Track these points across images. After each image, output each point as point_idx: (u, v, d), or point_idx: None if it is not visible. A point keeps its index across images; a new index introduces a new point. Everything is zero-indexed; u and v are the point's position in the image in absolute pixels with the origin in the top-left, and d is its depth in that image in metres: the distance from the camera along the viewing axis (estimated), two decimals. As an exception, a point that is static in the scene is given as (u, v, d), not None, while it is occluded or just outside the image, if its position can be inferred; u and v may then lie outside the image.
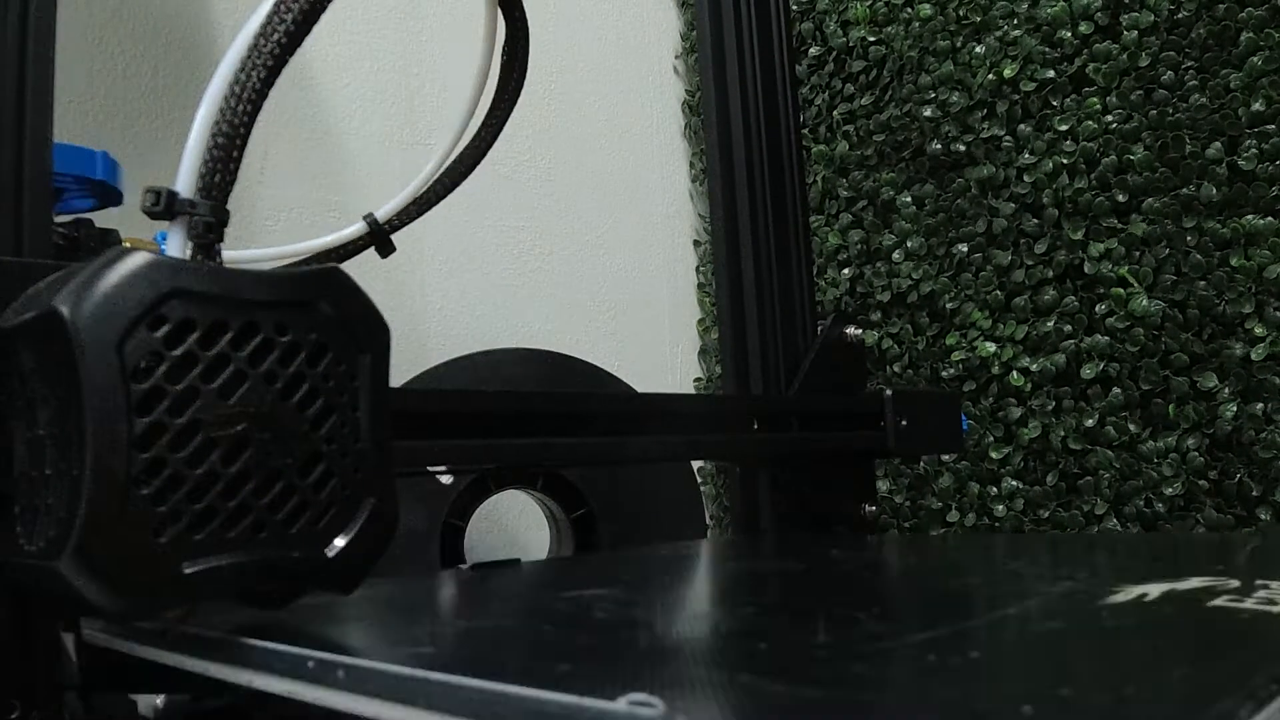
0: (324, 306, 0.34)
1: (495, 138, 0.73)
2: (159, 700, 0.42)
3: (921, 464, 1.03)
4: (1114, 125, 0.92)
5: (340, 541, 0.34)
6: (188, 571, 0.31)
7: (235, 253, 0.64)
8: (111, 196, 0.59)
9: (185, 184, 0.35)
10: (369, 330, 0.35)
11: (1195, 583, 0.34)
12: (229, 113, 0.35)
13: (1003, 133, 1.00)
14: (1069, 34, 0.96)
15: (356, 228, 0.66)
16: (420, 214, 0.72)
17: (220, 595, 0.33)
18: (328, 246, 0.66)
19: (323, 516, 0.34)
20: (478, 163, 0.75)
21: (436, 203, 0.72)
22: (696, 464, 1.15)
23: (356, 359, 0.35)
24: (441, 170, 0.72)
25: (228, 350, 0.32)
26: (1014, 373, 0.97)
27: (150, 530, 0.30)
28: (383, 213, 0.69)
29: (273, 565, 0.33)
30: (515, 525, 1.05)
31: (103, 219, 0.60)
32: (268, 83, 0.36)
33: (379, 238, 0.66)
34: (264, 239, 0.96)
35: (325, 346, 0.34)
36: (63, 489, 0.30)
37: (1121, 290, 0.91)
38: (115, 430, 0.29)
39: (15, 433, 0.34)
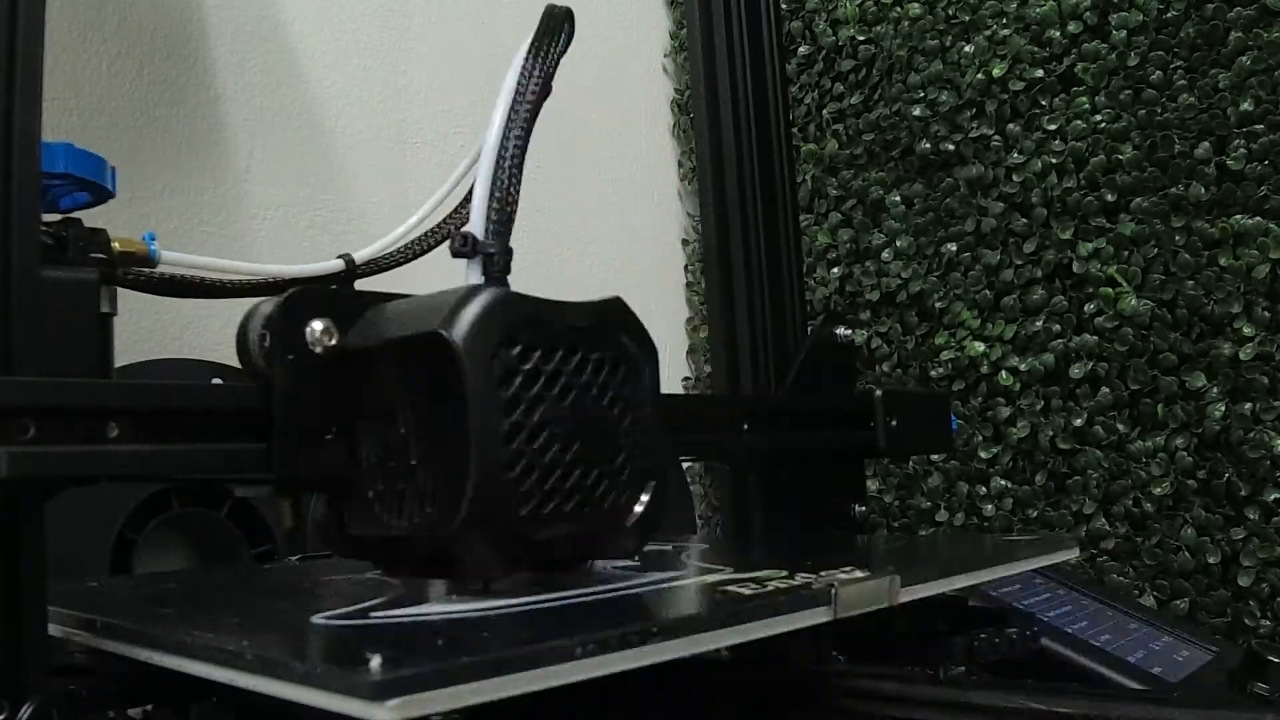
0: (618, 330, 0.45)
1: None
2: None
3: (911, 463, 1.03)
4: (1103, 125, 0.93)
5: (637, 512, 0.43)
6: (538, 539, 0.40)
7: (224, 262, 0.64)
8: (103, 196, 0.59)
9: (478, 228, 0.46)
10: (647, 349, 0.46)
11: (761, 573, 0.42)
12: (503, 169, 0.46)
13: (991, 132, 1.00)
14: (1058, 33, 0.96)
15: (333, 264, 0.69)
16: (397, 265, 0.74)
17: (554, 560, 0.42)
18: (300, 275, 0.68)
19: (623, 495, 0.43)
20: (463, 225, 0.76)
21: (416, 257, 0.74)
22: (686, 463, 1.15)
23: (641, 371, 0.45)
24: (424, 228, 0.74)
25: (560, 366, 0.41)
26: (1003, 372, 0.97)
27: (515, 506, 0.39)
28: (361, 255, 0.71)
29: (591, 535, 0.42)
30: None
31: (96, 218, 0.59)
32: (527, 137, 0.47)
33: (349, 278, 0.70)
34: (251, 237, 0.96)
35: (620, 361, 0.44)
36: (436, 475, 0.39)
37: (1110, 290, 0.91)
38: (493, 428, 0.38)
39: (362, 432, 0.42)
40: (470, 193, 0.75)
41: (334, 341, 0.42)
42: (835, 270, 1.10)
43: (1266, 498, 0.83)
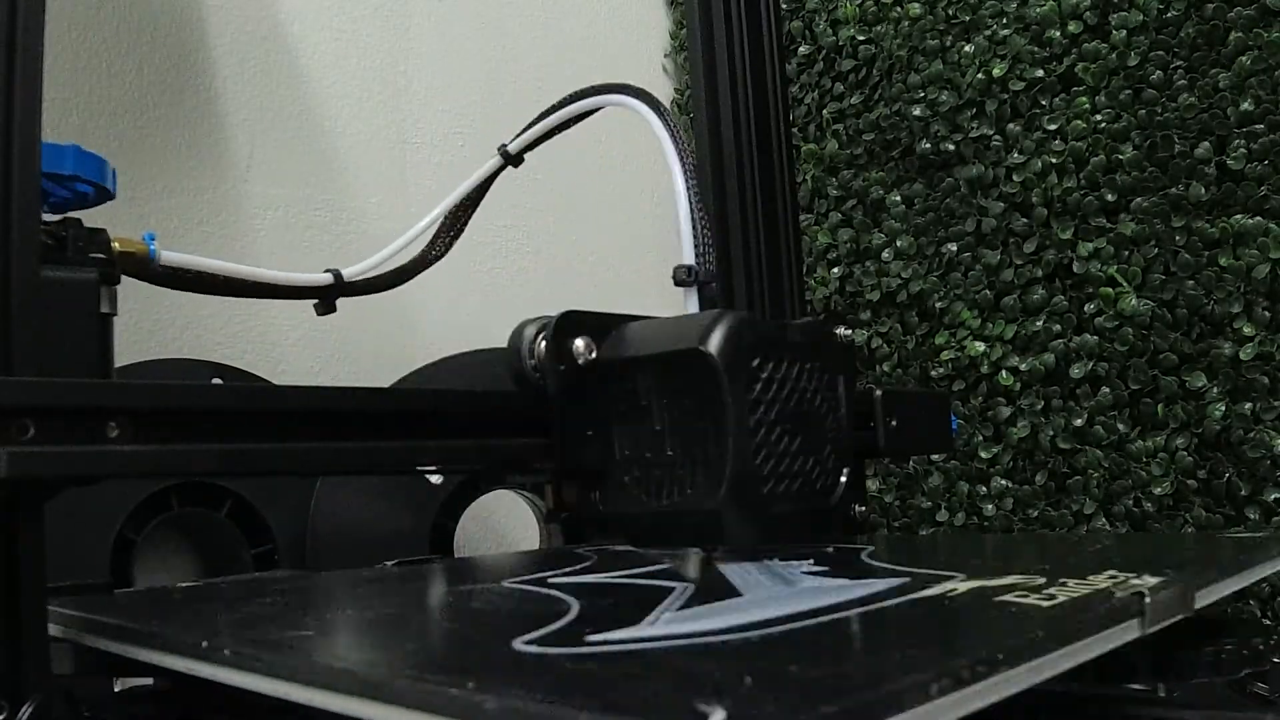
0: (824, 346, 0.54)
1: (457, 238, 0.78)
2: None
3: (911, 463, 1.03)
4: (1103, 124, 0.93)
5: (838, 494, 0.53)
6: (774, 512, 0.49)
7: (221, 264, 0.64)
8: (104, 196, 0.59)
9: (691, 261, 0.57)
10: (842, 360, 0.55)
11: (1007, 580, 0.38)
12: (697, 217, 0.58)
13: (992, 132, 1.00)
14: (1058, 33, 0.96)
15: (322, 276, 0.72)
16: (379, 289, 0.75)
17: (784, 532, 0.50)
18: (289, 283, 0.70)
19: (829, 478, 0.53)
20: (443, 255, 0.78)
21: (397, 285, 0.75)
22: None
23: (839, 379, 0.54)
24: (407, 256, 0.77)
25: (787, 375, 0.50)
26: (1003, 372, 0.97)
27: (760, 485, 0.48)
28: (349, 272, 0.73)
29: (809, 511, 0.51)
30: (504, 525, 1.05)
31: (94, 218, 0.59)
32: (700, 191, 0.60)
33: (334, 293, 0.73)
34: (250, 237, 0.96)
35: (825, 370, 0.53)
36: (695, 463, 0.49)
37: (1110, 290, 0.91)
38: (744, 425, 0.48)
39: (615, 430, 0.52)
40: (447, 221, 0.78)
41: (593, 355, 0.53)
42: (835, 270, 1.10)
43: (1267, 498, 0.83)
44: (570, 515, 0.54)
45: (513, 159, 0.76)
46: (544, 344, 0.53)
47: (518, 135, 0.75)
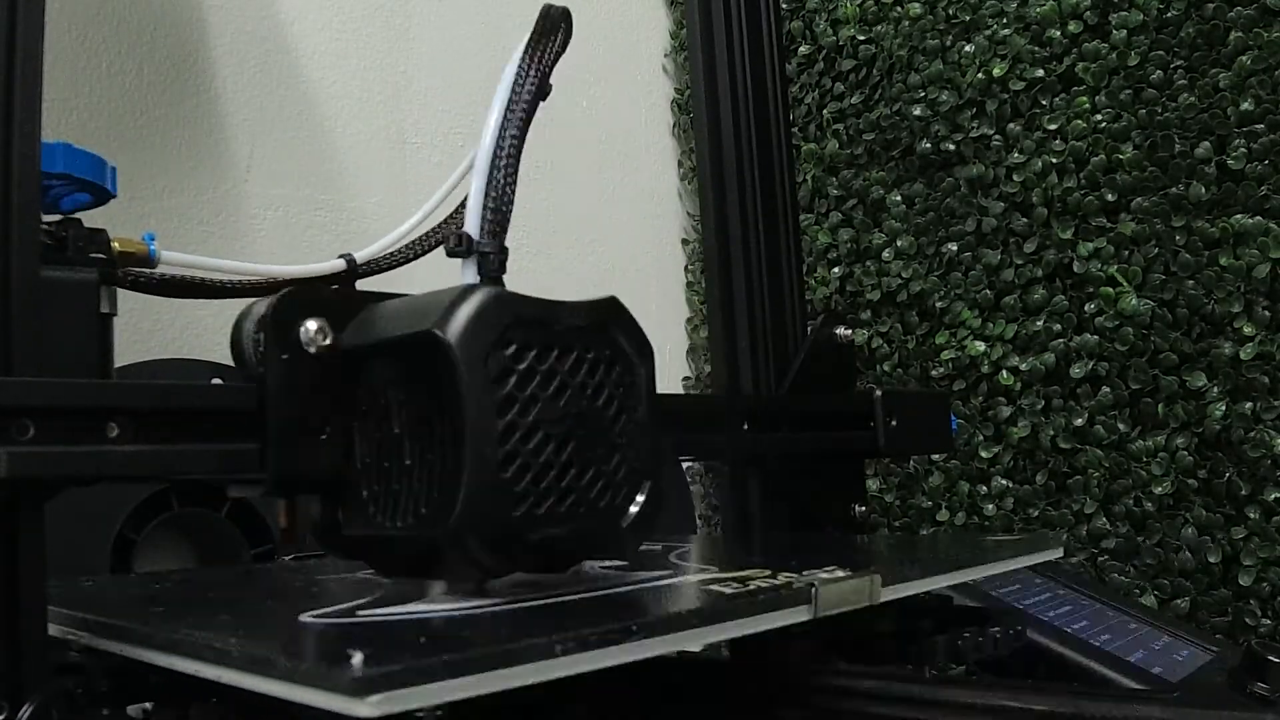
0: (613, 329, 0.44)
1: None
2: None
3: (911, 463, 1.03)
4: (1103, 124, 0.93)
5: (631, 513, 0.43)
6: (532, 540, 0.39)
7: (224, 262, 0.64)
8: (104, 197, 0.59)
9: (473, 228, 0.47)
10: (642, 348, 0.45)
11: (747, 572, 0.42)
12: (498, 169, 0.47)
13: (992, 132, 1.00)
14: (1058, 33, 0.96)
15: (334, 264, 0.69)
16: (397, 265, 0.74)
17: (547, 561, 0.42)
18: (301, 275, 0.68)
19: (618, 495, 0.42)
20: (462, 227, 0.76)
21: (416, 258, 0.74)
22: (686, 463, 1.15)
23: (637, 370, 0.44)
24: (426, 227, 0.75)
25: (555, 365, 0.41)
26: (1003, 372, 0.97)
27: (509, 507, 0.38)
28: (362, 255, 0.71)
29: (585, 535, 0.41)
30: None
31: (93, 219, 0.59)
32: (522, 137, 0.47)
33: (350, 278, 0.70)
34: (250, 237, 0.96)
35: (616, 361, 0.43)
36: (431, 475, 0.39)
37: (1110, 289, 0.91)
38: (487, 428, 0.38)
39: (356, 432, 0.42)
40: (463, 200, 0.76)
41: (328, 341, 0.42)
42: (836, 270, 1.10)
43: (1267, 497, 0.83)
44: (314, 537, 0.45)
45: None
46: (260, 330, 0.43)
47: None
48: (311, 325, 0.42)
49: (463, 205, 0.76)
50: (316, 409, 0.42)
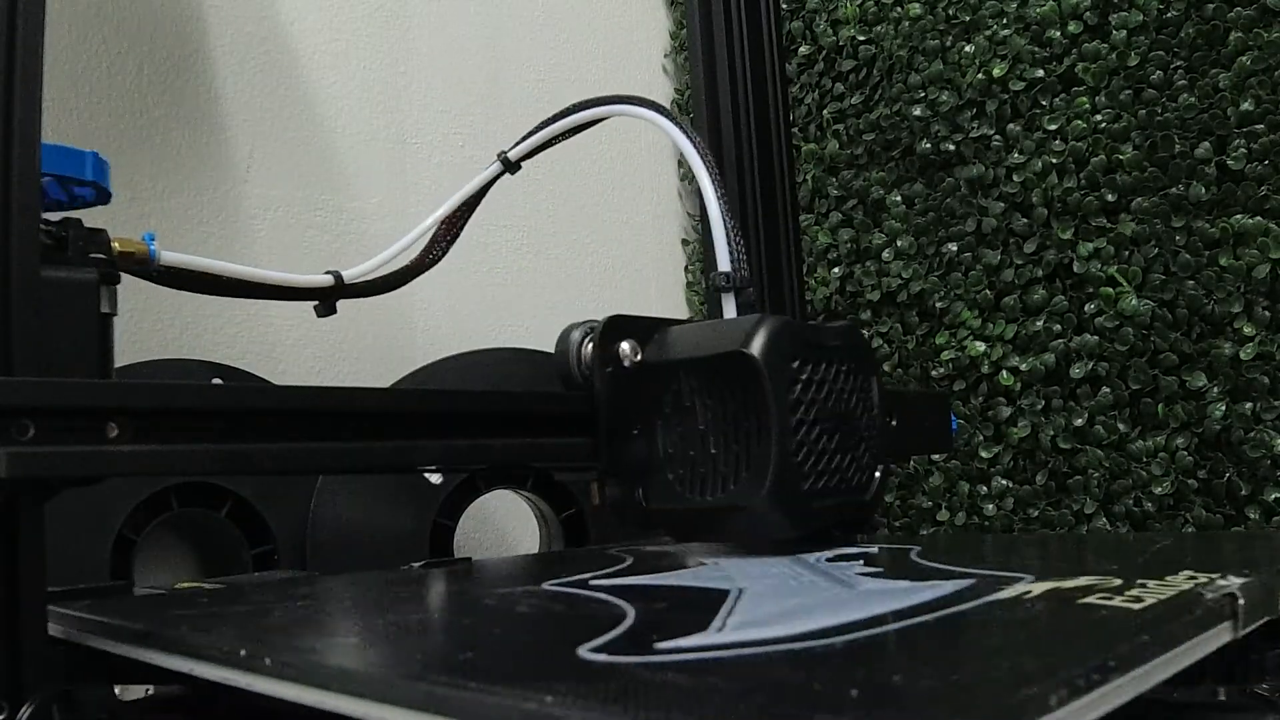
0: (857, 347, 0.56)
1: (453, 243, 0.78)
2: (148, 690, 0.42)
3: (912, 463, 1.03)
4: (1103, 125, 0.93)
5: (873, 488, 0.56)
6: (814, 507, 0.51)
7: (220, 264, 0.64)
8: (102, 196, 0.59)
9: (726, 267, 0.57)
10: (873, 361, 0.57)
11: (1081, 581, 0.37)
12: (729, 225, 0.58)
13: (992, 132, 1.00)
14: (1058, 33, 0.96)
15: (322, 278, 0.72)
16: (381, 290, 0.75)
17: (823, 525, 0.53)
18: (290, 284, 0.70)
19: (864, 475, 0.55)
20: (440, 259, 0.78)
21: (399, 285, 0.75)
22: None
23: (871, 379, 0.57)
24: (414, 252, 0.77)
25: (825, 376, 0.53)
26: (1003, 372, 0.97)
27: (801, 481, 0.51)
28: (349, 274, 0.73)
29: (844, 505, 0.54)
30: (505, 525, 1.05)
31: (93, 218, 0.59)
32: (726, 195, 0.60)
33: (334, 294, 0.73)
34: (250, 238, 0.96)
35: (860, 371, 0.55)
36: (737, 460, 0.51)
37: (1110, 290, 0.91)
38: (786, 423, 0.50)
39: (660, 429, 0.54)
40: (445, 223, 0.78)
41: (639, 357, 0.55)
42: (836, 270, 1.10)
43: (1267, 497, 0.83)
44: (615, 511, 0.57)
45: (511, 166, 0.76)
46: (590, 347, 0.55)
47: (517, 143, 0.75)
48: (626, 345, 0.55)
49: (434, 243, 0.79)
50: (630, 411, 0.55)
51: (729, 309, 0.57)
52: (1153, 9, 0.90)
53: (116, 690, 0.44)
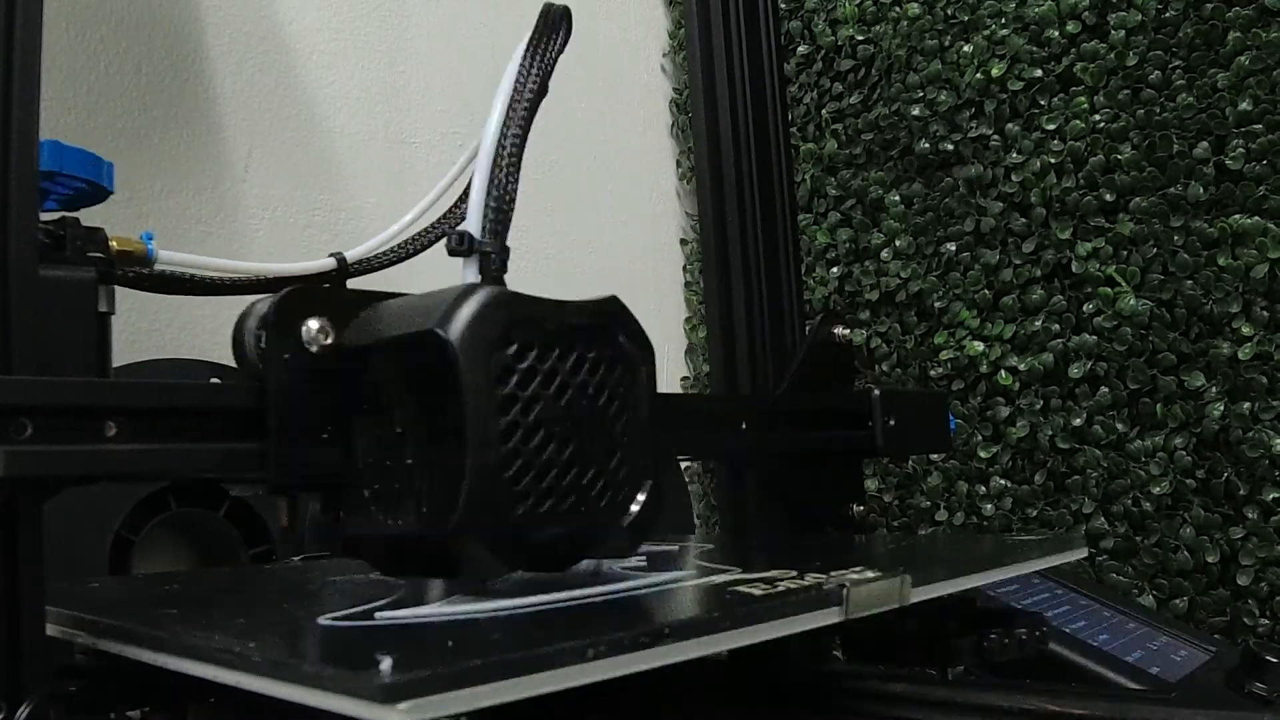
0: (615, 329, 0.44)
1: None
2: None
3: (910, 463, 1.03)
4: (1101, 124, 0.93)
5: (633, 512, 0.43)
6: (534, 539, 0.39)
7: (219, 261, 0.64)
8: (100, 194, 0.59)
9: (474, 227, 0.47)
10: (643, 348, 0.45)
11: (769, 574, 0.41)
12: (500, 168, 0.47)
13: (990, 132, 1.00)
14: (1056, 33, 0.96)
15: (325, 262, 0.70)
16: (390, 264, 0.74)
17: (546, 560, 0.41)
18: (291, 273, 0.68)
19: (619, 494, 0.42)
20: (455, 228, 0.76)
21: (408, 258, 0.74)
22: (685, 463, 1.15)
23: (638, 370, 0.44)
24: (419, 226, 0.75)
25: (556, 364, 0.41)
26: (1002, 372, 0.97)
27: (511, 506, 0.38)
28: (353, 254, 0.71)
29: (586, 534, 0.41)
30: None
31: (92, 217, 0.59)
32: (524, 136, 0.47)
33: (341, 276, 0.70)
34: (249, 237, 0.96)
35: (617, 360, 0.43)
36: (433, 474, 0.39)
37: (1109, 289, 0.91)
38: (489, 427, 0.38)
39: (356, 432, 0.42)
40: (465, 191, 0.76)
41: (330, 340, 0.42)
42: (834, 270, 1.10)
43: (1265, 497, 0.83)
44: (312, 535, 0.46)
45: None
46: (262, 329, 0.43)
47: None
48: (314, 324, 0.42)
49: (458, 203, 0.76)
50: (318, 408, 0.42)
51: (468, 279, 0.46)
52: (1151, 9, 0.90)
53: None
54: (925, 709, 0.47)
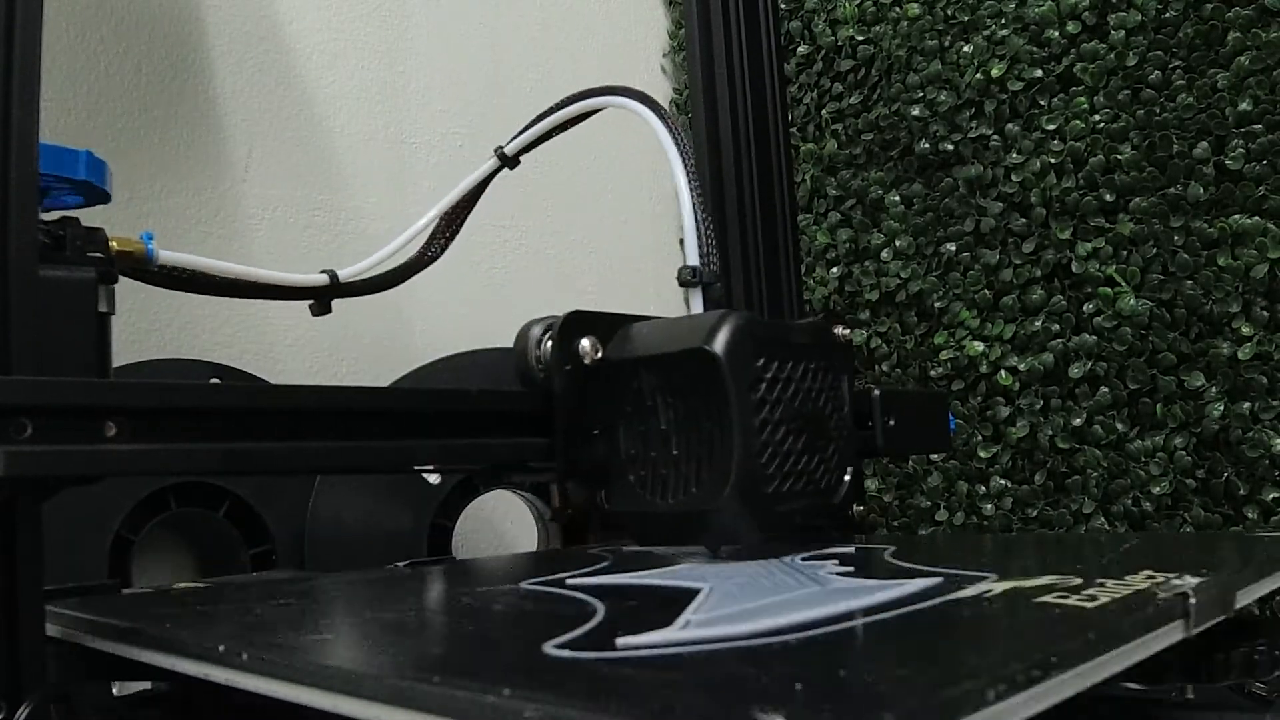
0: (828, 344, 0.54)
1: (452, 239, 0.78)
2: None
3: (910, 463, 1.03)
4: (1101, 125, 0.93)
5: (842, 490, 0.54)
6: (779, 510, 0.49)
7: (217, 263, 0.65)
8: (99, 196, 0.59)
9: (695, 263, 0.56)
10: (846, 361, 0.55)
11: (1042, 580, 0.38)
12: (700, 219, 0.58)
13: (990, 132, 1.00)
14: (1056, 33, 0.96)
15: (318, 277, 0.72)
16: (376, 289, 0.75)
17: (789, 531, 0.51)
18: (284, 283, 0.70)
19: (833, 476, 0.53)
20: (438, 257, 0.78)
21: (394, 285, 0.75)
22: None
23: (842, 378, 0.55)
24: (404, 257, 0.76)
25: (792, 375, 0.51)
26: (1002, 372, 0.97)
27: (764, 484, 0.48)
28: (345, 273, 0.73)
29: (812, 508, 0.52)
30: (503, 525, 1.05)
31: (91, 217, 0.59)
32: (703, 191, 0.60)
33: (330, 294, 0.73)
34: (249, 237, 0.96)
35: (829, 370, 0.53)
36: (699, 462, 0.49)
37: (1109, 289, 0.91)
38: (749, 423, 0.48)
39: (622, 429, 0.52)
40: (440, 226, 0.78)
41: (600, 355, 0.53)
42: (834, 270, 1.10)
43: (1265, 497, 0.83)
44: (574, 514, 0.55)
45: (509, 161, 0.75)
46: (550, 343, 0.53)
47: (514, 137, 0.75)
48: (586, 342, 0.52)
49: (434, 238, 0.78)
50: (590, 411, 0.52)
51: (696, 305, 0.56)
52: (1151, 9, 0.90)
53: (115, 689, 0.44)
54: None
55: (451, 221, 0.78)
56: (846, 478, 0.54)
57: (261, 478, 0.80)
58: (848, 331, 0.74)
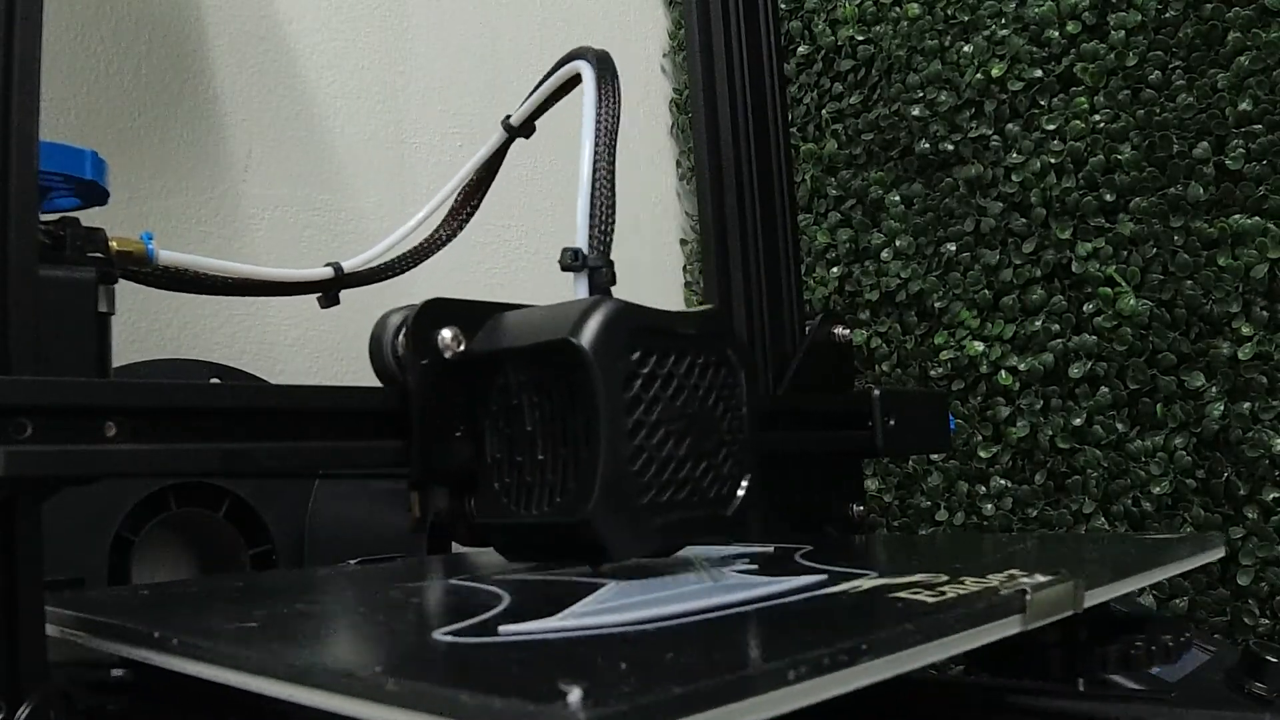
0: (720, 338, 0.48)
1: (469, 219, 0.77)
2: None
3: (910, 463, 1.03)
4: (1101, 125, 0.93)
5: (735, 502, 0.47)
6: (656, 524, 0.43)
7: (218, 262, 0.64)
8: (98, 195, 0.59)
9: (584, 245, 0.50)
10: (742, 354, 0.49)
11: (912, 578, 0.40)
12: (598, 193, 0.52)
13: (990, 132, 1.00)
14: (1056, 33, 0.96)
15: (322, 271, 0.71)
16: (384, 277, 0.74)
17: (666, 544, 0.46)
18: (289, 279, 0.69)
19: (724, 485, 0.47)
20: (452, 238, 0.77)
21: (402, 271, 0.75)
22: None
23: (739, 375, 0.48)
24: (413, 242, 0.75)
25: (673, 369, 0.45)
26: (1002, 372, 0.97)
27: (637, 495, 0.42)
28: (350, 264, 0.72)
29: (697, 520, 0.45)
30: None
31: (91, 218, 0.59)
32: (613, 164, 0.53)
33: (336, 286, 0.71)
34: (248, 237, 0.96)
35: (722, 366, 0.47)
36: (565, 468, 0.43)
37: (1109, 289, 0.91)
38: (620, 425, 0.42)
39: (487, 430, 0.47)
40: (456, 207, 0.77)
41: (462, 347, 0.47)
42: (834, 270, 1.10)
43: (1265, 497, 0.83)
44: (437, 525, 0.48)
45: (516, 130, 0.74)
46: (403, 335, 0.47)
47: (519, 107, 0.74)
48: (447, 333, 0.47)
49: (448, 219, 0.77)
50: (451, 409, 0.47)
51: (580, 292, 0.50)
52: (1151, 9, 0.90)
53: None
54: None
55: (466, 200, 0.77)
56: (742, 487, 0.48)
57: (261, 478, 0.80)
58: (847, 331, 0.75)
